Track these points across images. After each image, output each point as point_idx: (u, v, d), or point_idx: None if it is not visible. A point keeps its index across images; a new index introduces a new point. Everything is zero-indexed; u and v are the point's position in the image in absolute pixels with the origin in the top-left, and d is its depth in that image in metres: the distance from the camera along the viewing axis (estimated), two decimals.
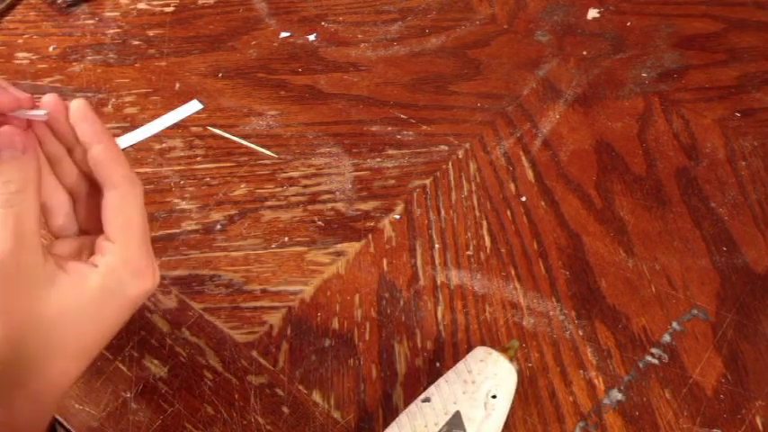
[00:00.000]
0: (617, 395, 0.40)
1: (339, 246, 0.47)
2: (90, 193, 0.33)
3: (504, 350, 0.38)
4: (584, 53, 0.60)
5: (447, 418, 0.35)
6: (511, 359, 0.38)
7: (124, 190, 0.31)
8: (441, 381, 0.37)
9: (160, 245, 0.46)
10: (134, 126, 0.53)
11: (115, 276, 0.30)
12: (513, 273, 0.45)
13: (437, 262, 0.46)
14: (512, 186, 0.50)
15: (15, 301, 0.27)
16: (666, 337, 0.42)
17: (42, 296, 0.28)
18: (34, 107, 0.30)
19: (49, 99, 0.30)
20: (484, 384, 0.36)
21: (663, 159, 0.52)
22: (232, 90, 0.56)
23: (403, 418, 0.36)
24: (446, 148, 0.53)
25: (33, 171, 0.29)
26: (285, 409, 0.39)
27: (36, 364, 0.28)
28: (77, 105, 0.31)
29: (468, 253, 0.46)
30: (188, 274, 0.45)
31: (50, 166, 0.32)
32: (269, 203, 0.49)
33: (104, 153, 0.31)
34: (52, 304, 0.28)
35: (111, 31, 0.61)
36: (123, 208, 0.31)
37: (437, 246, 0.46)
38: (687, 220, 0.48)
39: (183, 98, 0.55)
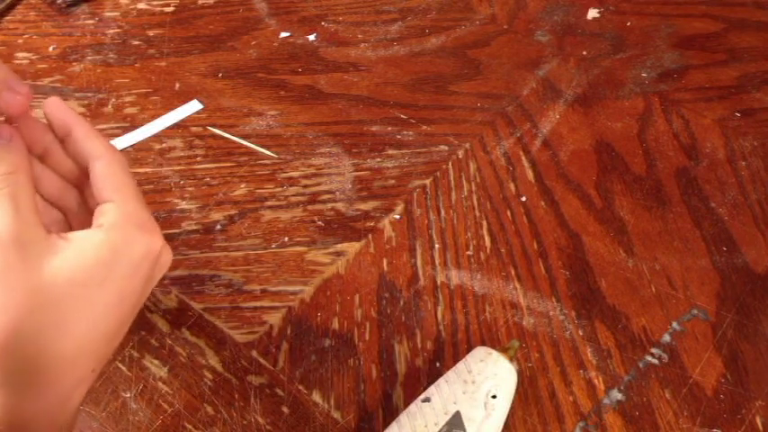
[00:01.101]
0: (617, 395, 0.40)
1: (339, 246, 0.47)
2: (79, 202, 0.34)
3: (504, 350, 0.38)
4: (584, 53, 0.60)
5: (447, 418, 0.35)
6: (511, 359, 0.38)
7: (109, 157, 0.31)
8: (441, 381, 0.37)
9: None
10: (134, 126, 0.53)
11: (120, 232, 0.29)
12: (513, 273, 0.45)
13: (437, 262, 0.46)
14: (512, 186, 0.50)
15: (20, 276, 0.26)
16: (666, 337, 0.42)
17: (46, 267, 0.27)
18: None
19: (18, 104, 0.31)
20: (484, 384, 0.36)
21: (663, 159, 0.52)
22: (232, 90, 0.56)
23: (403, 418, 0.36)
24: (446, 148, 0.53)
25: (21, 156, 0.29)
26: (285, 409, 0.39)
27: (48, 344, 0.27)
28: (50, 102, 0.32)
29: (468, 253, 0.46)
30: (188, 274, 0.45)
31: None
32: (269, 203, 0.49)
33: (81, 131, 0.32)
34: (58, 273, 0.27)
35: (111, 31, 0.61)
36: (113, 172, 0.31)
37: (437, 246, 0.46)
38: (687, 220, 0.48)
39: (183, 98, 0.55)
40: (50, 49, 0.59)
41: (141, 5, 0.63)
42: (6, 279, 0.26)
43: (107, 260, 0.28)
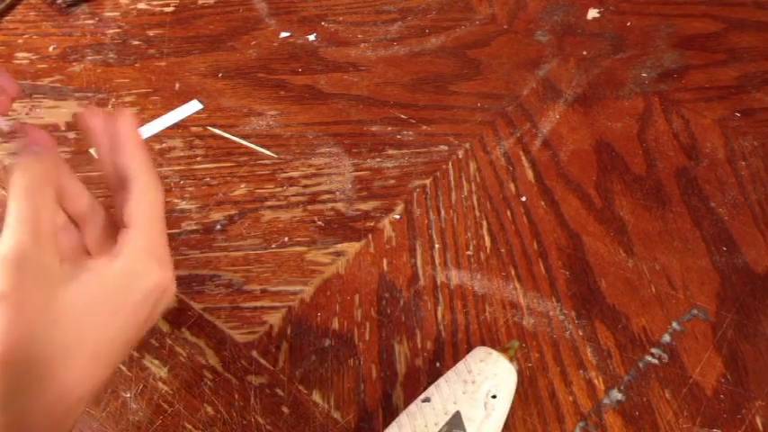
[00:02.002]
0: (617, 395, 0.40)
1: (339, 246, 0.47)
2: (95, 217, 0.33)
3: (504, 350, 0.38)
4: (584, 53, 0.60)
5: (447, 418, 0.35)
6: (511, 359, 0.38)
7: (145, 181, 0.31)
8: (441, 381, 0.37)
9: None
10: None
11: (140, 263, 0.30)
12: (513, 273, 0.45)
13: (437, 262, 0.46)
14: (512, 186, 0.50)
15: (33, 296, 0.26)
16: (666, 337, 0.42)
17: (61, 293, 0.27)
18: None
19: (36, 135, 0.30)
20: (484, 384, 0.36)
21: (663, 159, 0.52)
22: (232, 90, 0.56)
23: (403, 418, 0.36)
24: (446, 148, 0.53)
25: (51, 167, 0.29)
26: (285, 409, 0.39)
27: (56, 366, 0.27)
28: (90, 114, 0.31)
29: (468, 253, 0.46)
30: (188, 274, 0.45)
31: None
32: (269, 203, 0.49)
33: (126, 144, 0.31)
34: (75, 299, 0.27)
35: (111, 31, 0.61)
36: (146, 198, 0.31)
37: (437, 246, 0.46)
38: (687, 220, 0.48)
39: (183, 98, 0.55)
40: (50, 49, 0.59)
41: (141, 5, 0.63)
42: (20, 298, 0.26)
43: (124, 289, 0.29)
